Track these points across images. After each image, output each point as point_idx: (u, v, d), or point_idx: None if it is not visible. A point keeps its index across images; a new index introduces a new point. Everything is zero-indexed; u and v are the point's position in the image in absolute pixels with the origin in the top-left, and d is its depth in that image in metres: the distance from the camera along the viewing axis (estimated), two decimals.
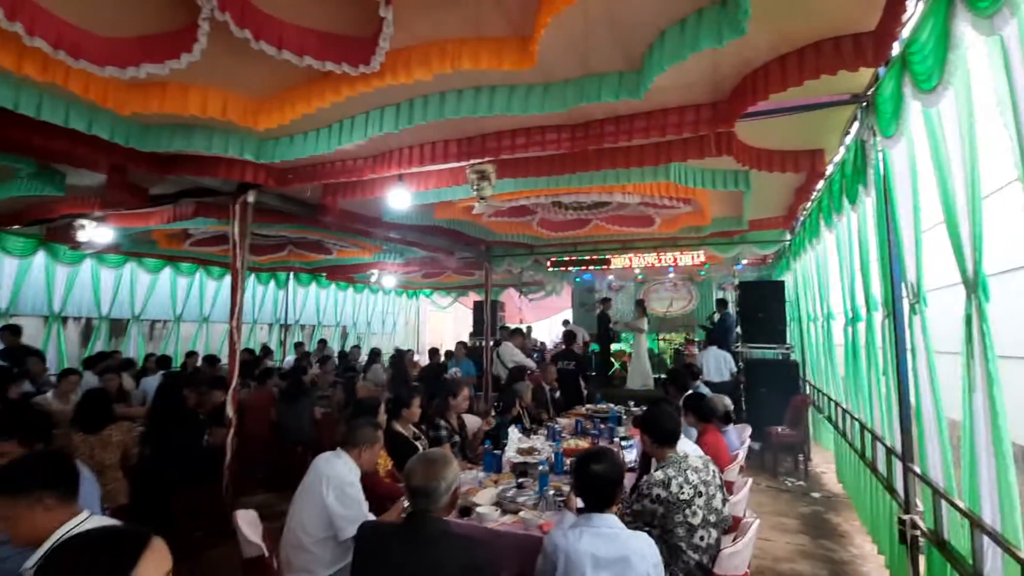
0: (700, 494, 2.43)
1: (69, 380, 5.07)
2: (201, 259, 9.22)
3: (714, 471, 2.63)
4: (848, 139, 3.83)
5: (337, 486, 2.56)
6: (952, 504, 2.54)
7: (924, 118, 2.61)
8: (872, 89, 3.05)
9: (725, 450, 3.76)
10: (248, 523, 2.49)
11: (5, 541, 1.77)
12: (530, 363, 8.31)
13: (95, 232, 5.83)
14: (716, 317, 9.84)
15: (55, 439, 3.04)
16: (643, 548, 1.95)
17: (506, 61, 2.64)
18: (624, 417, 5.59)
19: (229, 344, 4.58)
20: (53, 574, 1.03)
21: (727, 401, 4.21)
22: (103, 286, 8.67)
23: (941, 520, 2.72)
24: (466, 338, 11.53)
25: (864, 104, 3.22)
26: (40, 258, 7.59)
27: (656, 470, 2.50)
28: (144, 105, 3.03)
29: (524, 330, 10.16)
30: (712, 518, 2.45)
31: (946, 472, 2.73)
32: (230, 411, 4.45)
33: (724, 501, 2.61)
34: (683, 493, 2.39)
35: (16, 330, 6.08)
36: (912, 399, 2.98)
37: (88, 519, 1.68)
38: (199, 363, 8.37)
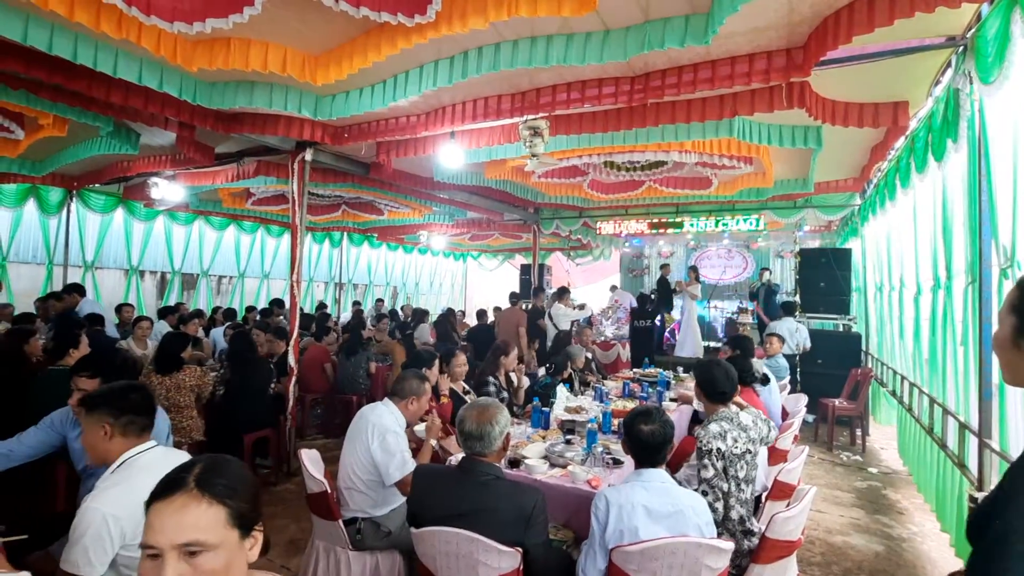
0: (749, 452, 2.46)
1: (141, 326, 5.52)
2: (262, 218, 9.64)
3: (762, 426, 2.67)
4: (938, 89, 3.48)
5: (380, 434, 2.65)
6: None
7: None
8: (972, 30, 2.73)
9: (763, 408, 3.71)
10: (312, 461, 2.65)
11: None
12: (585, 314, 8.15)
13: (167, 189, 6.18)
14: (758, 286, 9.42)
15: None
16: (696, 504, 1.95)
17: (565, 6, 2.52)
18: (673, 383, 5.51)
19: (290, 298, 4.80)
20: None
21: (759, 364, 4.22)
22: (175, 242, 9.27)
23: None
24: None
25: (961, 48, 2.90)
26: (119, 215, 8.15)
27: (709, 423, 2.50)
28: (210, 61, 3.13)
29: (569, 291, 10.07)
30: (753, 474, 2.51)
31: None
32: (292, 361, 4.72)
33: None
34: (737, 447, 2.42)
35: (81, 290, 6.38)
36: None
37: (153, 448, 1.82)
38: (258, 317, 8.86)
